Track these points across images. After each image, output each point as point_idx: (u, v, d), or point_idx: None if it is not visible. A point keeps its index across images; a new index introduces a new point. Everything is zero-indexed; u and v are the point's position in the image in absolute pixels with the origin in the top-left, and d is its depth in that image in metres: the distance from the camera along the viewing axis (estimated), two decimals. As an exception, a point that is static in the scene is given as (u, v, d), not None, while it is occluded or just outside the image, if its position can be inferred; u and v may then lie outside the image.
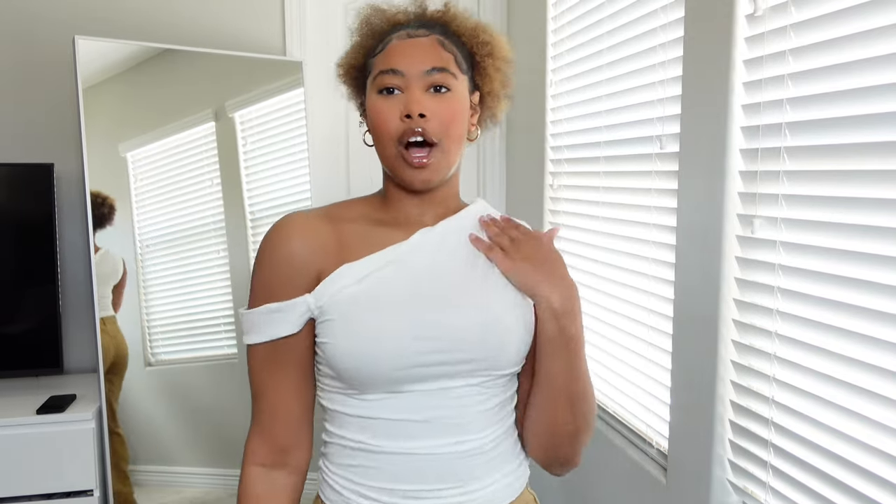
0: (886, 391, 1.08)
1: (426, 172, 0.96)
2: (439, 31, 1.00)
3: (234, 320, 2.37)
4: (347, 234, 0.99)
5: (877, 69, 1.09)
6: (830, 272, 1.19)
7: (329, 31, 2.58)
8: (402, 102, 0.95)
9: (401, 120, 0.94)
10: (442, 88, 0.96)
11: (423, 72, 0.95)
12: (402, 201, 1.03)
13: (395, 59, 0.96)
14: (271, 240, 0.98)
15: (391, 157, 0.97)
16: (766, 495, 1.35)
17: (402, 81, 0.95)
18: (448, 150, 0.97)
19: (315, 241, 0.97)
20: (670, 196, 1.63)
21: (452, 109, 0.96)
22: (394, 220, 1.03)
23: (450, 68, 0.96)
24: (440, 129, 0.95)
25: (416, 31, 0.98)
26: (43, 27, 2.32)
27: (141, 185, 2.24)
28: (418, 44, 0.97)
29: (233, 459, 2.37)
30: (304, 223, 0.99)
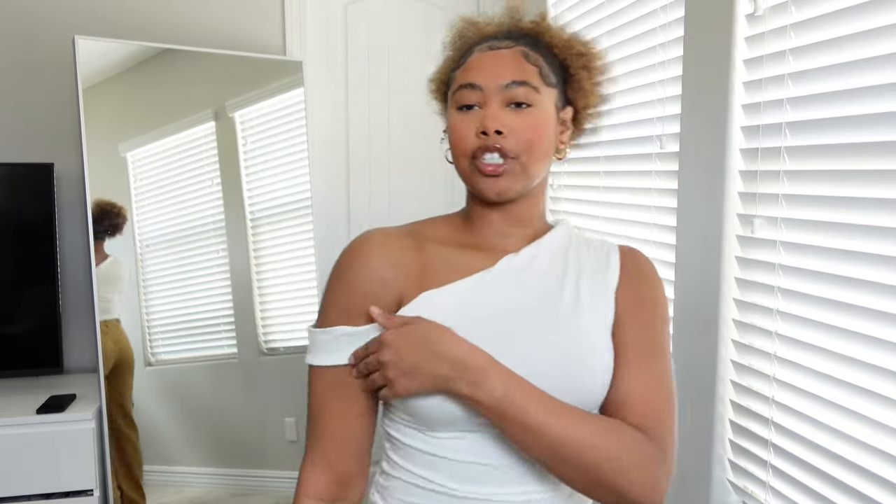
0: (886, 391, 1.08)
1: (501, 182, 0.90)
2: (526, 42, 0.94)
3: (233, 320, 2.37)
4: (431, 257, 0.94)
5: (877, 69, 1.09)
6: (830, 272, 1.19)
7: (329, 31, 2.58)
8: (480, 118, 0.89)
9: (476, 136, 0.89)
10: (523, 104, 0.90)
11: (502, 86, 0.89)
12: (484, 220, 0.96)
13: (474, 72, 0.91)
14: (350, 257, 0.93)
15: (466, 172, 0.92)
16: (766, 495, 1.35)
17: (480, 97, 0.90)
18: (527, 165, 0.90)
19: (397, 263, 0.92)
20: (670, 196, 1.63)
21: (533, 126, 0.90)
22: (477, 244, 0.96)
23: (532, 82, 0.90)
24: (518, 146, 0.89)
25: (499, 43, 0.93)
26: (43, 27, 2.32)
27: (141, 186, 2.24)
28: (499, 56, 0.91)
29: (233, 459, 2.37)
30: (387, 241, 0.94)
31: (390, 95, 2.65)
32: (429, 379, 0.84)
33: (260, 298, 2.39)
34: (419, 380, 0.84)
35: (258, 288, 2.39)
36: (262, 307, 2.40)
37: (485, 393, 0.83)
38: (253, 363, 2.38)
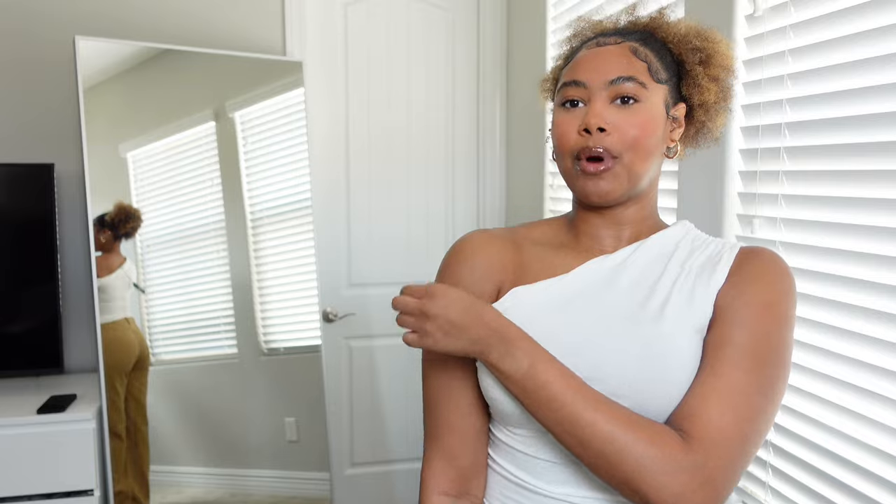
0: (886, 391, 1.09)
1: (604, 183, 0.87)
2: (637, 37, 0.91)
3: (233, 320, 2.37)
4: (528, 256, 0.95)
5: (877, 69, 1.09)
6: (830, 272, 1.19)
7: (329, 31, 2.58)
8: (583, 115, 0.87)
9: (579, 134, 0.87)
10: (629, 100, 0.87)
11: (608, 82, 0.87)
12: (587, 222, 0.94)
13: (580, 69, 0.89)
14: (454, 255, 0.95)
15: (568, 171, 0.90)
16: (766, 495, 1.35)
17: (585, 93, 0.88)
18: (632, 165, 0.87)
19: (497, 260, 0.94)
20: (670, 196, 1.64)
21: (640, 123, 0.86)
22: (576, 244, 0.95)
23: (639, 77, 0.87)
24: (622, 144, 0.86)
25: (606, 39, 0.91)
26: (43, 27, 2.32)
27: (141, 186, 2.24)
28: (606, 52, 0.89)
29: (233, 459, 2.37)
30: (487, 240, 0.95)
31: (390, 95, 2.65)
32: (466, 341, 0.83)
33: (260, 298, 2.39)
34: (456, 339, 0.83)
35: (258, 288, 2.39)
36: (262, 307, 2.40)
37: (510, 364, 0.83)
38: (253, 363, 2.38)
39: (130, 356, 2.20)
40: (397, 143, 2.68)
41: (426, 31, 2.66)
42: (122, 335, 2.19)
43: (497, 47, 2.71)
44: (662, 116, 0.90)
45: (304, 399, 2.42)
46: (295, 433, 2.41)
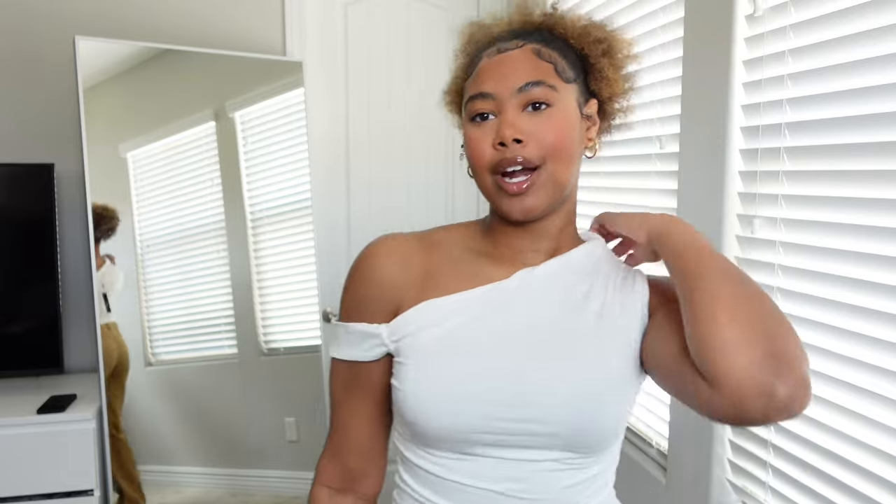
0: (886, 391, 1.09)
1: (528, 200, 0.83)
2: (537, 38, 0.87)
3: (234, 320, 2.37)
4: (438, 263, 0.89)
5: (877, 69, 1.09)
6: (830, 272, 1.19)
7: (329, 31, 2.58)
8: (495, 128, 0.83)
9: (494, 148, 0.83)
10: (541, 105, 0.83)
11: (516, 90, 0.83)
12: (505, 234, 0.90)
13: (484, 80, 0.85)
14: (360, 259, 0.91)
15: (488, 188, 0.85)
16: (766, 495, 1.35)
17: (494, 105, 0.84)
18: (555, 173, 0.83)
19: (400, 268, 0.88)
20: (670, 196, 1.63)
21: (555, 127, 0.83)
22: (493, 253, 0.90)
23: (548, 80, 0.83)
24: (541, 152, 0.82)
25: (506, 45, 0.86)
26: (43, 27, 2.32)
27: (141, 186, 2.24)
28: (508, 59, 0.84)
29: (233, 459, 2.37)
30: (393, 246, 0.90)
31: (390, 95, 2.65)
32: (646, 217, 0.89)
33: (260, 298, 2.39)
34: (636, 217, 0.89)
35: (258, 288, 2.39)
36: (262, 307, 2.40)
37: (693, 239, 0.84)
38: (253, 363, 2.38)
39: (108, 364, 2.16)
40: (397, 143, 2.68)
41: (426, 31, 2.66)
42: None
43: (497, 47, 2.71)
44: (577, 117, 0.87)
45: (304, 399, 2.42)
46: (295, 433, 2.41)
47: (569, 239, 0.92)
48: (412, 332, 0.86)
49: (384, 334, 0.88)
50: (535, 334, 0.84)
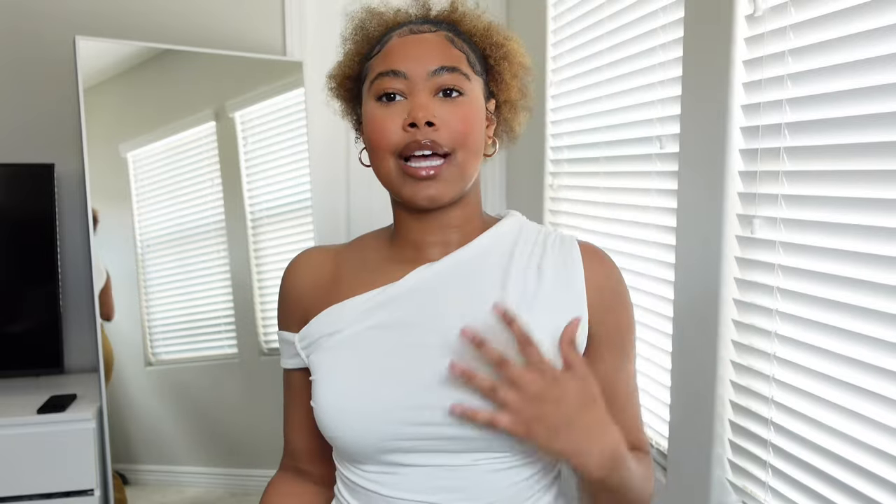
0: (886, 391, 1.09)
1: (434, 186, 0.79)
2: (447, 27, 0.85)
3: (234, 320, 2.37)
4: (344, 270, 0.88)
5: (877, 69, 1.09)
6: (830, 272, 1.19)
7: (329, 31, 2.58)
8: (406, 109, 0.79)
9: (404, 130, 0.79)
10: (453, 92, 0.80)
11: (430, 72, 0.80)
12: (408, 227, 0.87)
13: (396, 58, 0.80)
14: (285, 272, 0.94)
15: (390, 173, 0.82)
16: (766, 495, 1.35)
17: (406, 85, 0.80)
18: (463, 163, 0.80)
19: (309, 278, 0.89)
20: (670, 196, 1.64)
21: (467, 116, 0.80)
22: (397, 254, 0.88)
23: (461, 68, 0.81)
24: (452, 138, 0.79)
25: (420, 27, 0.83)
26: (43, 27, 2.32)
27: (141, 185, 2.24)
28: (423, 40, 0.81)
29: (233, 459, 2.37)
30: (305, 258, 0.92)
31: (390, 95, 2.65)
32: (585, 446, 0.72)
33: (260, 298, 2.39)
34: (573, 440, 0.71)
35: (258, 288, 2.39)
36: (262, 307, 2.40)
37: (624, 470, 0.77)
38: (253, 363, 2.38)
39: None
40: (397, 143, 2.68)
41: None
42: None
43: (497, 47, 2.71)
44: (483, 110, 0.84)
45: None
46: (295, 433, 2.41)
47: (474, 227, 0.87)
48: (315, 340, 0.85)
49: (296, 342, 0.89)
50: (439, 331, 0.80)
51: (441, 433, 0.78)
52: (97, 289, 2.12)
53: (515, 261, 0.85)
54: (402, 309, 0.82)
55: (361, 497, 0.84)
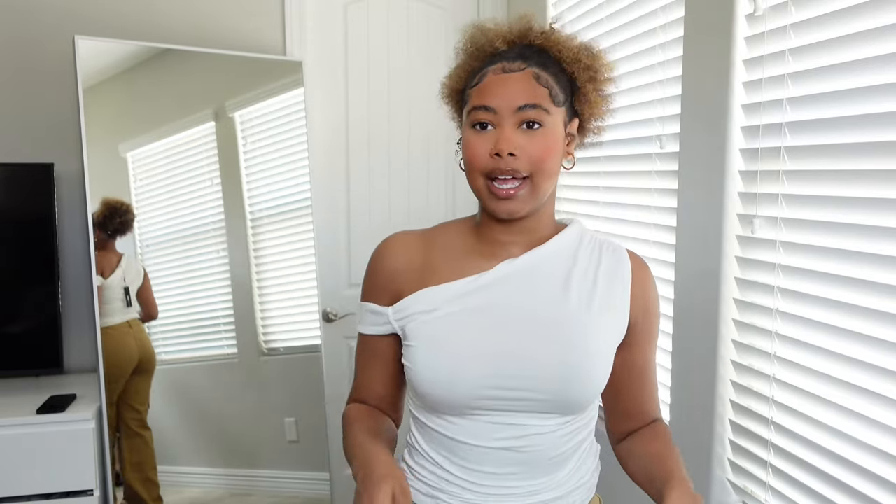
0: (886, 391, 1.08)
1: (512, 204, 0.96)
2: (536, 61, 0.98)
3: (233, 320, 2.37)
4: (436, 257, 1.04)
5: (877, 69, 1.09)
6: (830, 272, 1.19)
7: (329, 31, 2.58)
8: (493, 139, 0.95)
9: (491, 157, 0.95)
10: (534, 125, 0.95)
11: (515, 108, 0.95)
12: (491, 228, 1.03)
13: (489, 95, 0.96)
14: (375, 253, 1.08)
15: (480, 189, 0.98)
16: (766, 495, 1.35)
17: (495, 118, 0.95)
18: (538, 185, 0.96)
19: (403, 260, 1.04)
20: (670, 196, 1.63)
21: (544, 146, 0.95)
22: (482, 248, 1.04)
23: (543, 104, 0.95)
24: (530, 165, 0.95)
25: (511, 65, 0.97)
26: (43, 27, 2.32)
27: (141, 185, 2.24)
28: (511, 80, 0.96)
29: (233, 459, 2.37)
30: (399, 242, 1.06)
31: (390, 95, 2.65)
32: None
33: (260, 298, 2.39)
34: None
35: (258, 288, 2.39)
36: (262, 307, 2.40)
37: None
38: (253, 363, 2.38)
39: (128, 363, 2.18)
40: (397, 142, 2.68)
41: (426, 31, 2.66)
42: (120, 340, 2.16)
43: (497, 47, 2.71)
44: (562, 136, 0.99)
45: (304, 399, 2.42)
46: (295, 433, 2.41)
47: (547, 230, 1.04)
48: (411, 315, 1.01)
49: (389, 314, 1.04)
50: (517, 316, 0.98)
51: (515, 395, 0.97)
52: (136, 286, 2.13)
53: (578, 263, 1.03)
54: (489, 295, 1.00)
55: (437, 441, 1.03)
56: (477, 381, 0.97)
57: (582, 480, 1.07)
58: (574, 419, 1.02)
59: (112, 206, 2.16)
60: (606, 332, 1.01)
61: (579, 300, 1.00)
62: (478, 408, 0.99)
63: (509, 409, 0.98)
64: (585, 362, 0.97)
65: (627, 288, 1.03)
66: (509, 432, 0.99)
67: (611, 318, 1.01)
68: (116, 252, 2.18)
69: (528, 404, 0.98)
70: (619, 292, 1.03)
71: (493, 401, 0.98)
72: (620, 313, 1.02)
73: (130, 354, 2.19)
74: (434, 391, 0.98)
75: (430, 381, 0.98)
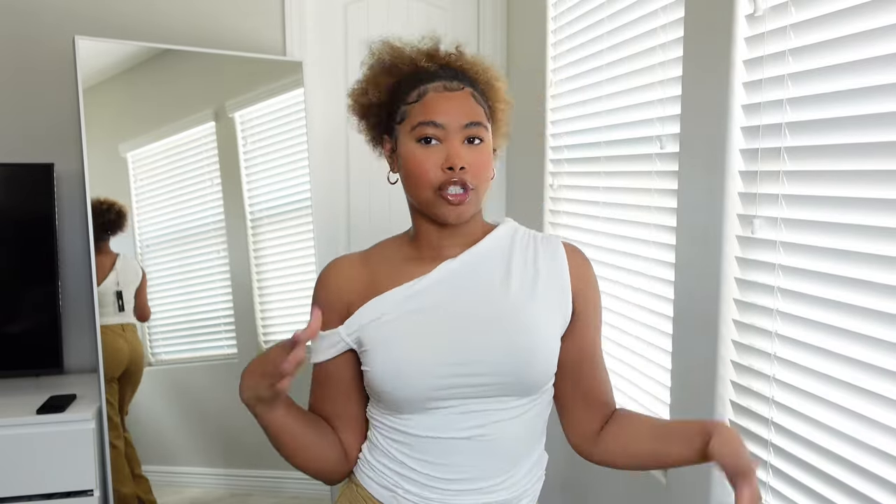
0: (886, 391, 1.09)
1: (462, 209, 1.04)
2: (468, 83, 1.07)
3: (233, 320, 2.37)
4: (378, 273, 1.10)
5: (877, 69, 1.09)
6: (830, 272, 1.19)
7: (329, 31, 2.59)
8: (443, 154, 1.02)
9: (442, 170, 1.02)
10: (475, 140, 1.04)
11: (462, 126, 1.03)
12: (430, 235, 1.10)
13: (436, 112, 1.03)
14: (317, 280, 1.14)
15: (429, 200, 1.05)
16: (767, 495, 1.35)
17: (443, 133, 1.03)
18: (480, 192, 1.06)
19: (346, 280, 1.10)
20: (670, 196, 1.64)
21: (485, 160, 1.05)
22: (420, 256, 1.11)
23: (483, 122, 1.05)
24: (475, 178, 1.04)
25: (451, 84, 1.06)
26: (43, 27, 2.32)
27: (141, 185, 2.24)
28: (455, 98, 1.05)
29: (233, 459, 2.37)
30: (340, 265, 1.13)
31: (390, 95, 2.65)
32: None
33: (260, 298, 2.39)
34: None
35: (258, 288, 2.39)
36: (262, 307, 2.40)
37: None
38: (253, 363, 2.38)
39: (117, 365, 2.16)
40: (397, 143, 2.68)
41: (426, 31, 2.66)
42: (111, 341, 2.14)
43: (497, 47, 2.71)
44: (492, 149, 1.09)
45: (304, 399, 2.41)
46: (295, 433, 2.40)
47: (479, 231, 1.12)
48: (362, 326, 1.06)
49: (341, 332, 1.07)
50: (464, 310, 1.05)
51: (472, 381, 1.02)
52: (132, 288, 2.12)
53: (515, 256, 1.10)
54: (434, 295, 1.06)
55: (401, 441, 1.06)
56: (433, 370, 1.01)
57: (530, 485, 1.11)
58: (531, 402, 1.07)
59: (100, 205, 2.12)
60: (550, 314, 1.07)
61: (521, 289, 1.06)
62: (438, 399, 1.03)
63: (469, 395, 1.03)
64: (533, 342, 1.04)
65: (566, 275, 1.09)
66: (473, 420, 1.03)
67: (553, 302, 1.07)
68: (111, 254, 2.16)
69: (486, 389, 1.03)
70: (558, 280, 1.09)
71: (452, 389, 1.02)
72: (562, 298, 1.08)
73: (119, 357, 2.17)
74: (394, 389, 1.02)
75: (388, 379, 1.02)
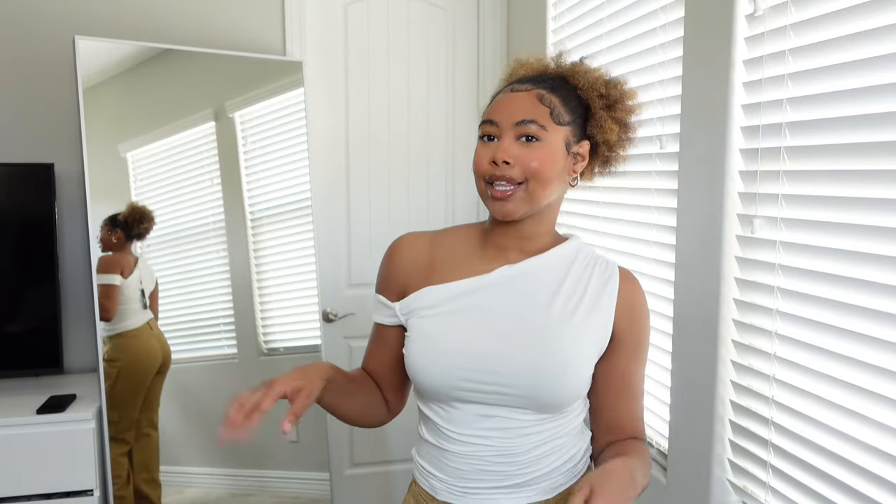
0: (886, 391, 1.09)
1: (507, 205, 1.05)
2: (547, 85, 1.09)
3: (233, 320, 2.37)
4: (441, 258, 1.15)
5: (877, 69, 1.09)
6: (830, 272, 1.19)
7: (329, 31, 2.58)
8: (494, 149, 1.06)
9: (490, 164, 1.06)
10: (531, 138, 1.05)
11: (514, 123, 1.05)
12: (494, 232, 1.13)
13: (494, 110, 1.08)
14: (387, 250, 1.19)
15: (482, 191, 1.09)
16: (766, 495, 1.35)
17: (497, 130, 1.07)
18: (533, 190, 1.05)
19: (410, 259, 1.15)
20: (670, 196, 1.63)
21: (539, 157, 1.05)
22: (484, 252, 1.14)
23: (540, 121, 1.05)
24: (523, 173, 1.04)
25: (520, 86, 1.09)
26: (43, 27, 2.32)
27: (141, 186, 2.24)
28: (515, 97, 1.08)
29: (233, 459, 2.37)
30: (407, 242, 1.18)
31: (390, 95, 2.65)
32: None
33: (260, 298, 2.39)
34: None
35: (258, 288, 2.39)
36: (262, 307, 2.40)
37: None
38: (253, 363, 2.38)
39: (154, 365, 2.21)
40: (397, 142, 2.68)
41: (426, 30, 2.66)
42: (144, 343, 2.19)
43: (497, 47, 2.71)
44: (562, 153, 1.08)
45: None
46: (295, 433, 2.41)
47: (546, 240, 1.14)
48: (414, 311, 1.12)
49: (397, 309, 1.15)
50: (503, 319, 1.08)
51: (490, 389, 1.06)
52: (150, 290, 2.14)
53: (570, 276, 1.11)
54: (482, 297, 1.10)
55: (430, 427, 1.14)
56: (456, 372, 1.07)
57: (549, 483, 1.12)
58: (547, 420, 1.09)
59: (142, 212, 2.21)
60: (585, 342, 1.07)
61: (563, 310, 1.08)
62: (458, 398, 1.08)
63: (486, 401, 1.07)
64: (558, 365, 1.05)
65: (613, 301, 1.10)
66: (486, 423, 1.08)
67: (592, 329, 1.08)
68: (133, 254, 2.20)
69: (503, 398, 1.06)
70: (604, 306, 1.10)
71: (472, 392, 1.07)
72: (603, 325, 1.09)
73: (156, 356, 2.21)
74: (422, 378, 1.09)
75: (418, 369, 1.09)
